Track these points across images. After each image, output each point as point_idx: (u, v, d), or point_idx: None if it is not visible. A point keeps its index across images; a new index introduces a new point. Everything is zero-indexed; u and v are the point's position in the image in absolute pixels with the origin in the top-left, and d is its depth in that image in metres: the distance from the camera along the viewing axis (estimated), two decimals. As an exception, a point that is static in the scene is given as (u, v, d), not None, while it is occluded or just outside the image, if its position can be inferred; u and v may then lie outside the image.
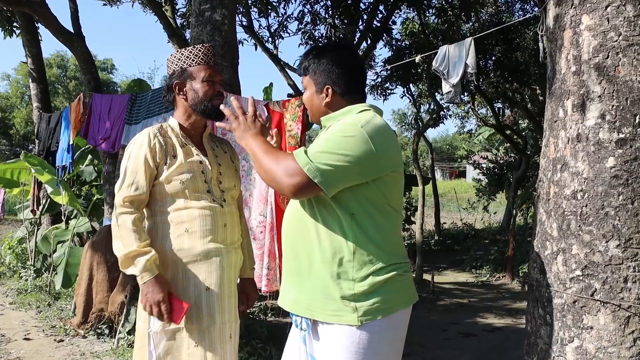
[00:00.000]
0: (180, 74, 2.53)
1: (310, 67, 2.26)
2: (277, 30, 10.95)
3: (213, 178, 2.54)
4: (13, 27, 10.19)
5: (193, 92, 2.53)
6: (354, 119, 2.09)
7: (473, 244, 13.01)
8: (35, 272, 8.05)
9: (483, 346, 5.68)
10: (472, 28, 11.92)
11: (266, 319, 6.21)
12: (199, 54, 2.54)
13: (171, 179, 2.43)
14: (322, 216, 2.08)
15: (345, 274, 2.03)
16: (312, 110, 2.31)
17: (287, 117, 4.39)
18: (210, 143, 2.68)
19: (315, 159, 1.96)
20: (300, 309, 2.14)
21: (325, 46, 2.49)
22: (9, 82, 42.02)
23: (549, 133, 2.55)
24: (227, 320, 2.49)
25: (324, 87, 2.22)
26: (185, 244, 2.43)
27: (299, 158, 1.98)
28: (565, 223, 2.38)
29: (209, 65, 2.55)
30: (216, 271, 2.46)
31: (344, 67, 2.23)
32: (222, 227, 2.51)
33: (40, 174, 7.12)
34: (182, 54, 2.55)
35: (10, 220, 15.34)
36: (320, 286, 2.06)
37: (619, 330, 2.23)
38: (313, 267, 2.09)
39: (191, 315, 2.40)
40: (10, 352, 5.10)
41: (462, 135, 26.71)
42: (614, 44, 2.26)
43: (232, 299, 2.54)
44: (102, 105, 6.03)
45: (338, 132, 2.03)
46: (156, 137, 2.48)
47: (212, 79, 2.54)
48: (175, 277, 2.43)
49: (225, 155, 2.71)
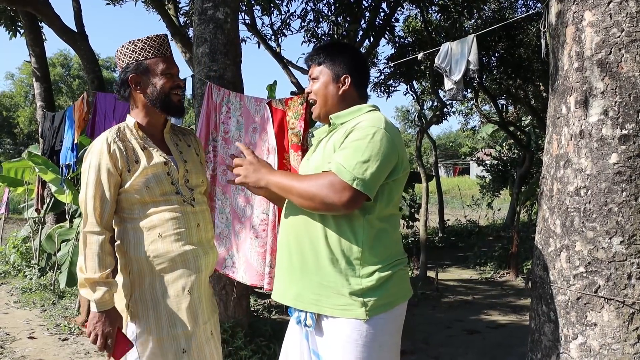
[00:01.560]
0: (136, 67, 2.38)
1: (327, 58, 2.32)
2: (280, 28, 10.93)
3: (180, 178, 2.44)
4: (17, 27, 10.21)
5: (151, 86, 2.39)
6: (371, 120, 2.14)
7: (477, 241, 13.00)
8: (39, 270, 8.08)
9: (487, 343, 5.68)
10: (474, 25, 11.89)
11: (270, 317, 6.22)
12: (154, 45, 2.39)
13: (136, 185, 2.33)
14: (332, 215, 2.11)
15: (353, 271, 2.09)
16: (325, 99, 2.33)
17: (289, 114, 4.39)
18: (173, 138, 2.56)
19: (358, 172, 2.00)
20: (305, 304, 2.16)
21: (340, 43, 2.56)
22: (13, 82, 42.18)
23: (552, 129, 2.55)
24: (207, 320, 2.47)
25: (342, 77, 2.29)
26: (160, 249, 2.34)
27: (343, 174, 2.00)
28: (568, 220, 2.38)
29: (166, 57, 2.41)
30: (195, 273, 2.39)
31: (360, 62, 2.35)
32: (196, 227, 2.43)
33: (44, 173, 7.14)
34: (135, 46, 2.39)
35: (15, 219, 15.38)
36: (328, 282, 2.10)
37: (623, 327, 2.23)
38: (320, 263, 2.12)
39: (175, 321, 2.35)
40: (15, 351, 5.12)
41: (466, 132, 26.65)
42: (617, 40, 2.25)
43: (209, 296, 2.52)
44: (107, 104, 6.03)
45: (364, 137, 2.06)
46: (115, 143, 2.34)
47: (170, 71, 2.41)
48: (152, 283, 2.35)
49: (190, 149, 2.59)
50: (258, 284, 4.40)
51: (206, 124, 4.62)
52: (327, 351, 2.14)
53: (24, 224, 10.22)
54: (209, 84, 4.68)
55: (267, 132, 4.39)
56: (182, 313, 2.36)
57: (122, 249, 2.41)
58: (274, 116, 4.42)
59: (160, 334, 2.34)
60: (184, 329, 2.36)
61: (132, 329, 2.36)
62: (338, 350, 2.09)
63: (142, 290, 2.36)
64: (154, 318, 2.34)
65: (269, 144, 4.38)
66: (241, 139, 4.54)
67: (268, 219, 4.35)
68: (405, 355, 5.18)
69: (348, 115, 2.25)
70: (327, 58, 2.32)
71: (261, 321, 5.63)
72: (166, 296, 2.35)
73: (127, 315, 2.36)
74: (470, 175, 43.32)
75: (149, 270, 2.35)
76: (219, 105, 4.62)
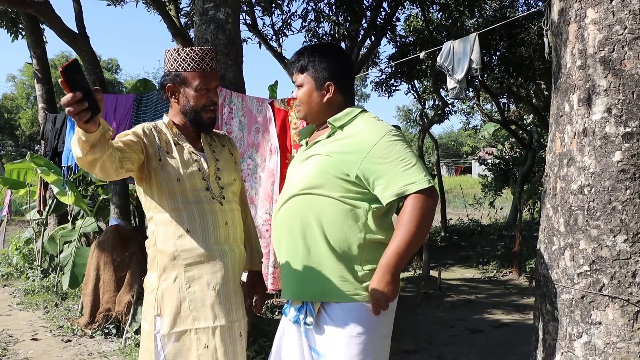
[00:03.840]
0: (175, 77, 2.42)
1: (310, 64, 2.32)
2: (281, 28, 10.95)
3: (211, 174, 2.47)
4: (18, 29, 10.21)
5: (185, 99, 2.43)
6: (377, 124, 2.24)
7: (479, 240, 12.97)
8: (42, 272, 8.08)
9: (491, 342, 5.67)
10: (476, 23, 11.89)
11: (273, 317, 6.22)
12: (195, 59, 2.40)
13: (167, 177, 2.36)
14: (337, 206, 2.19)
15: (357, 259, 2.19)
16: (311, 107, 2.35)
17: (292, 114, 4.39)
18: (207, 138, 2.59)
19: (417, 177, 2.10)
20: (308, 294, 2.24)
21: (321, 45, 2.57)
22: (15, 83, 42.19)
23: (555, 128, 2.54)
24: (235, 319, 2.46)
25: (325, 84, 2.30)
26: (187, 244, 2.37)
27: (419, 186, 2.08)
28: (572, 218, 2.37)
29: (205, 72, 2.42)
30: (220, 271, 2.41)
31: (344, 65, 2.36)
32: (223, 225, 2.45)
33: (47, 175, 7.15)
34: (178, 55, 2.41)
35: (17, 221, 15.40)
36: (333, 270, 2.18)
37: (628, 326, 2.22)
38: (321, 254, 2.20)
39: (199, 316, 2.37)
40: (18, 353, 5.12)
41: (468, 131, 26.62)
42: (620, 38, 2.24)
43: (238, 297, 2.51)
44: (108, 106, 6.02)
45: (388, 143, 2.15)
46: (151, 131, 2.40)
47: (207, 87, 2.43)
48: (178, 277, 2.37)
49: (224, 148, 2.62)
50: (261, 284, 4.40)
51: (208, 124, 4.62)
52: (328, 347, 2.19)
53: (27, 226, 10.22)
54: (211, 84, 4.67)
55: (269, 132, 4.39)
56: (207, 309, 2.37)
57: (151, 241, 2.44)
58: (276, 116, 4.42)
59: (184, 328, 2.36)
60: (207, 324, 2.37)
61: (158, 322, 2.37)
62: (348, 333, 2.17)
63: (168, 283, 2.38)
64: (178, 312, 2.36)
65: (272, 144, 4.38)
66: (244, 139, 4.54)
67: (271, 219, 4.36)
68: (408, 355, 5.17)
69: (345, 117, 2.29)
70: (310, 64, 2.31)
71: (264, 321, 5.63)
72: (191, 291, 2.37)
73: (155, 308, 2.38)
74: (472, 174, 43.33)
75: (175, 265, 2.38)
76: (221, 106, 4.62)
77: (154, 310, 2.38)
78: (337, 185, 2.18)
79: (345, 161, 2.17)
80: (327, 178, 2.19)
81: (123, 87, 39.31)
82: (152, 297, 2.41)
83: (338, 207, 2.19)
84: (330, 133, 2.29)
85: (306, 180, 2.24)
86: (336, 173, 2.18)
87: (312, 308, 2.23)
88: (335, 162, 2.19)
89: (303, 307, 2.26)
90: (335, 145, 2.23)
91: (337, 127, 2.27)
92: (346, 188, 2.18)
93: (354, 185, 2.17)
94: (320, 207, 2.21)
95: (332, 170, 2.18)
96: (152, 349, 2.37)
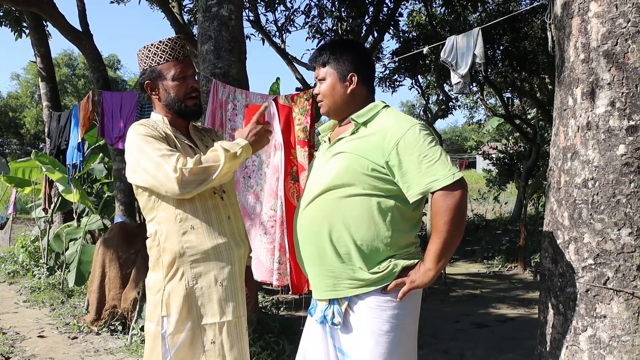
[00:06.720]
0: (150, 72, 2.41)
1: (332, 57, 2.33)
2: (284, 24, 10.94)
3: None
4: (22, 27, 10.24)
5: (165, 92, 2.42)
6: (402, 117, 2.25)
7: (484, 235, 12.97)
8: (48, 270, 8.12)
9: (496, 337, 5.67)
10: (479, 18, 11.85)
11: (278, 313, 6.23)
12: (165, 50, 2.39)
13: None
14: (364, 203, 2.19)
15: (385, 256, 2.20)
16: (334, 100, 2.35)
17: (295, 111, 4.39)
18: (197, 133, 2.59)
19: (441, 173, 2.10)
20: (338, 291, 2.24)
21: (340, 40, 2.58)
22: (19, 82, 42.34)
23: (559, 122, 2.54)
24: (242, 314, 2.48)
25: (349, 75, 2.31)
26: (193, 241, 2.35)
27: (447, 179, 2.10)
28: (576, 212, 2.37)
29: (179, 60, 2.40)
30: (227, 266, 2.40)
31: (365, 57, 2.38)
32: (227, 219, 2.44)
33: (52, 173, 7.18)
34: (149, 51, 2.40)
35: (23, 219, 15.43)
36: (361, 268, 2.19)
37: (633, 319, 2.22)
38: (349, 253, 2.20)
39: (206, 312, 2.37)
40: (25, 350, 5.15)
41: (472, 126, 26.57)
42: (623, 31, 2.24)
43: (242, 292, 2.52)
44: (113, 103, 6.05)
45: (416, 138, 2.14)
46: (155, 130, 2.36)
47: (184, 75, 2.41)
48: (185, 275, 2.36)
49: (214, 142, 2.56)
50: (267, 280, 4.41)
51: (212, 121, 4.62)
52: (355, 347, 2.20)
53: (32, 224, 10.26)
54: (215, 81, 4.68)
55: (273, 129, 4.40)
56: (213, 304, 2.38)
57: (154, 241, 2.42)
58: (280, 112, 4.42)
59: (191, 324, 2.36)
60: (214, 320, 2.38)
61: (165, 322, 2.36)
62: (368, 344, 2.17)
63: (174, 283, 2.37)
64: (185, 309, 2.36)
65: (276, 140, 4.39)
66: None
67: (276, 215, 4.36)
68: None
69: (368, 112, 2.28)
70: (332, 57, 2.32)
71: (270, 317, 5.64)
72: (197, 287, 2.37)
73: (162, 308, 2.37)
74: (477, 169, 43.28)
75: (181, 262, 2.36)
76: (224, 103, 4.63)
77: (160, 311, 2.37)
78: (364, 182, 2.17)
79: (371, 157, 2.17)
80: (353, 175, 2.18)
81: (127, 85, 39.36)
82: (157, 297, 2.39)
83: (365, 204, 2.18)
84: (354, 130, 2.28)
85: (332, 178, 2.23)
86: (363, 170, 2.17)
87: (339, 307, 2.23)
88: (361, 159, 2.18)
89: (330, 306, 2.26)
90: (361, 141, 2.22)
91: (360, 123, 2.26)
92: (373, 185, 2.17)
93: (381, 181, 2.17)
94: (347, 205, 2.19)
95: (358, 167, 2.18)
96: (159, 350, 2.36)
